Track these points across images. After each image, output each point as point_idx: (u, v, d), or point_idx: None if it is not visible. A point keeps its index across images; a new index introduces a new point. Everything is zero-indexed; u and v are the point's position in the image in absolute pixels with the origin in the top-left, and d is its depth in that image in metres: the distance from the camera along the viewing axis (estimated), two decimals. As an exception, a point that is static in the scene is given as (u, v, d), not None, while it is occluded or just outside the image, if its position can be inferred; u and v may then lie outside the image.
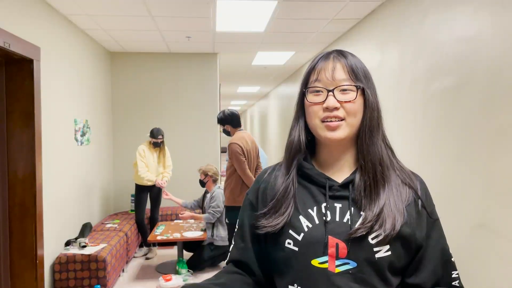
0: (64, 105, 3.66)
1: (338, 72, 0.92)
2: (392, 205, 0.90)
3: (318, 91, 0.93)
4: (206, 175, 4.38)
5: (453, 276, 0.94)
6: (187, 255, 4.48)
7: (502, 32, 2.00)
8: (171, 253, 4.87)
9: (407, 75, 2.96)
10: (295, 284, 0.91)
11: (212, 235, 4.25)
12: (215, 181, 4.41)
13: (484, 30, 2.13)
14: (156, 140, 4.59)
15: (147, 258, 4.72)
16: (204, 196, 4.58)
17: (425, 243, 0.92)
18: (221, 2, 3.38)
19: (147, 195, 4.75)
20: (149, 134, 4.63)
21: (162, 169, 4.75)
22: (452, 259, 0.95)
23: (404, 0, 3.00)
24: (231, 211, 3.53)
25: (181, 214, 4.40)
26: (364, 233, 0.87)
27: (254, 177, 3.58)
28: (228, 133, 3.79)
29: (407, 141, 2.90)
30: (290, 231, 0.92)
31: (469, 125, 2.25)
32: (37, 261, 2.98)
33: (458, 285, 0.94)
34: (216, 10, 3.59)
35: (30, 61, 2.94)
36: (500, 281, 2.04)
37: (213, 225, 4.28)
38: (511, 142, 1.95)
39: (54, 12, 3.46)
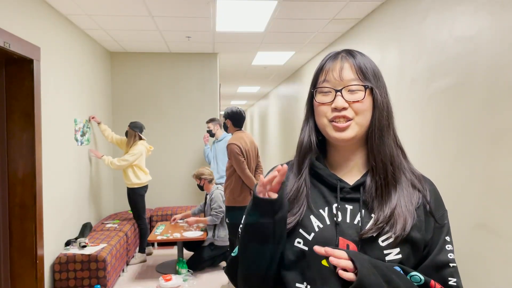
0: (64, 105, 3.66)
1: (346, 72, 0.91)
2: (403, 206, 0.89)
3: (326, 92, 0.93)
4: (200, 178, 4.39)
5: (450, 283, 0.89)
6: (187, 255, 4.48)
7: (501, 32, 2.00)
8: (171, 253, 4.86)
9: (407, 75, 2.96)
10: (305, 283, 0.89)
11: (213, 236, 4.26)
12: (210, 181, 4.42)
13: (484, 30, 2.13)
14: None
15: (148, 254, 4.71)
16: (206, 198, 4.59)
17: (428, 247, 0.91)
18: (221, 2, 3.38)
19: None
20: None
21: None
22: (452, 265, 0.91)
23: (404, 0, 3.00)
24: (232, 211, 3.53)
25: (186, 219, 4.42)
26: (375, 234, 0.86)
27: (254, 177, 3.58)
28: (226, 129, 3.77)
29: (407, 141, 2.89)
30: (301, 230, 0.91)
31: (469, 125, 2.25)
32: (37, 261, 2.98)
33: None
34: (216, 10, 3.59)
35: (30, 61, 2.94)
36: (500, 281, 2.04)
37: (214, 226, 4.28)
38: (511, 142, 1.95)
39: (54, 12, 3.46)
